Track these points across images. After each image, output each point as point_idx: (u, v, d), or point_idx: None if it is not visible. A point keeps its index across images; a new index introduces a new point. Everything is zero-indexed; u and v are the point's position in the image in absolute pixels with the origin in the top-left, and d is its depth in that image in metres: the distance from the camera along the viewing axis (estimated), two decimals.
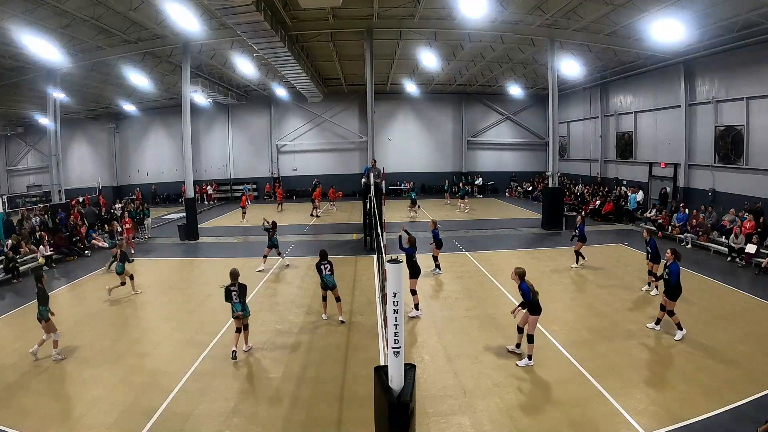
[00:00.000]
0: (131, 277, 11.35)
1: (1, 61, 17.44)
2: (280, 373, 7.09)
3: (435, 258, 12.43)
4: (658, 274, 9.51)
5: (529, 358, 7.14)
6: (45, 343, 7.75)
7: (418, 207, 22.65)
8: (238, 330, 7.67)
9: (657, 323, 8.16)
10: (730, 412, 5.71)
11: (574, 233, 12.77)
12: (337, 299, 9.14)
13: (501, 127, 32.36)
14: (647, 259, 10.24)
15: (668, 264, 7.93)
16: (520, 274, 7.19)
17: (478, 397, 6.28)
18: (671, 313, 7.86)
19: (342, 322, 9.04)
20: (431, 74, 25.16)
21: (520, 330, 7.39)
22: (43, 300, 7.74)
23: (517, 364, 7.14)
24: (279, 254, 13.25)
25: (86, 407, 6.18)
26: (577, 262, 12.60)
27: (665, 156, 20.11)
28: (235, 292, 7.52)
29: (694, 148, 18.38)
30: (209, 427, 5.73)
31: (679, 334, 7.84)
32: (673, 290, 7.81)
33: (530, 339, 7.11)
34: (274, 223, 13.05)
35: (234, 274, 7.71)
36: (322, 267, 8.94)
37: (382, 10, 15.64)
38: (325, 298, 9.27)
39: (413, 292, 9.27)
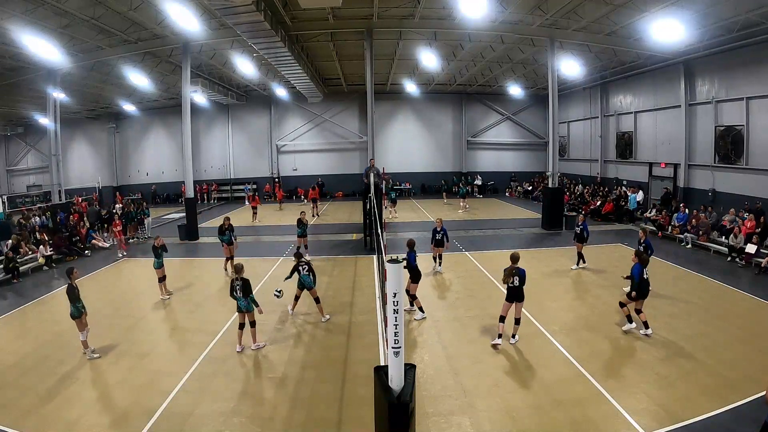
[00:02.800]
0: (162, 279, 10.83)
1: (1, 61, 17.45)
2: (279, 373, 7.09)
3: (440, 256, 12.45)
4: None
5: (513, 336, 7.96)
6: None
7: (396, 212, 22.53)
8: (241, 326, 7.80)
9: (646, 326, 8.11)
10: (730, 412, 5.71)
11: (582, 233, 12.25)
12: (317, 300, 9.24)
13: (501, 127, 32.36)
14: None
15: (632, 266, 8.05)
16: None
17: (478, 397, 6.28)
18: (622, 305, 8.24)
19: (324, 320, 9.18)
20: (431, 74, 25.15)
21: (502, 319, 7.87)
22: (72, 297, 7.68)
23: (511, 343, 7.86)
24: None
25: (86, 407, 6.18)
26: (578, 264, 12.52)
27: (665, 156, 20.11)
28: (239, 286, 7.66)
29: (694, 148, 18.37)
30: (209, 427, 5.73)
31: (627, 326, 8.18)
32: (636, 289, 7.95)
33: (518, 321, 7.92)
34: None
35: (238, 268, 7.91)
36: (300, 268, 9.10)
37: (382, 10, 15.64)
38: (297, 297, 9.36)
39: (414, 297, 9.16)
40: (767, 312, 9.15)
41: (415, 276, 9.07)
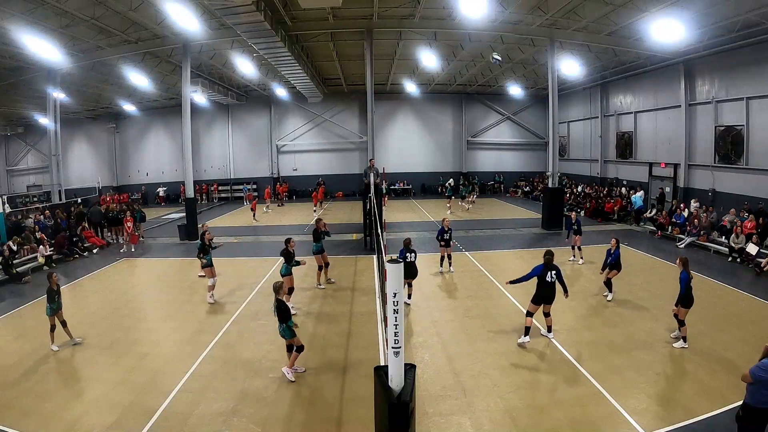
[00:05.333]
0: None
1: (1, 61, 17.45)
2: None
3: (449, 256, 12.39)
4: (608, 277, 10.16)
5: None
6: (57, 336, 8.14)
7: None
8: (288, 348, 7.14)
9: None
10: (730, 412, 5.69)
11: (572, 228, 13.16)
12: (326, 264, 11.17)
13: (501, 127, 32.38)
14: (605, 267, 10.15)
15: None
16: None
17: (478, 397, 6.28)
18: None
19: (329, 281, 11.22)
20: (431, 74, 25.16)
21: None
22: (49, 298, 8.01)
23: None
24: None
25: (86, 407, 6.17)
26: (574, 257, 13.05)
27: (665, 156, 20.11)
28: (275, 307, 6.89)
29: (694, 148, 18.38)
30: (209, 427, 5.73)
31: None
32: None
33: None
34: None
35: (274, 288, 7.02)
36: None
37: (382, 10, 15.64)
38: (320, 267, 11.08)
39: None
40: (767, 312, 9.15)
41: (409, 273, 9.41)
